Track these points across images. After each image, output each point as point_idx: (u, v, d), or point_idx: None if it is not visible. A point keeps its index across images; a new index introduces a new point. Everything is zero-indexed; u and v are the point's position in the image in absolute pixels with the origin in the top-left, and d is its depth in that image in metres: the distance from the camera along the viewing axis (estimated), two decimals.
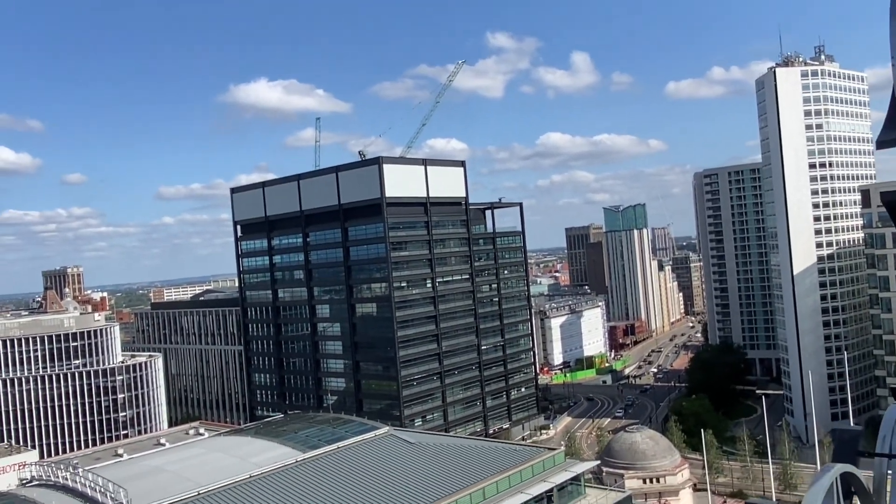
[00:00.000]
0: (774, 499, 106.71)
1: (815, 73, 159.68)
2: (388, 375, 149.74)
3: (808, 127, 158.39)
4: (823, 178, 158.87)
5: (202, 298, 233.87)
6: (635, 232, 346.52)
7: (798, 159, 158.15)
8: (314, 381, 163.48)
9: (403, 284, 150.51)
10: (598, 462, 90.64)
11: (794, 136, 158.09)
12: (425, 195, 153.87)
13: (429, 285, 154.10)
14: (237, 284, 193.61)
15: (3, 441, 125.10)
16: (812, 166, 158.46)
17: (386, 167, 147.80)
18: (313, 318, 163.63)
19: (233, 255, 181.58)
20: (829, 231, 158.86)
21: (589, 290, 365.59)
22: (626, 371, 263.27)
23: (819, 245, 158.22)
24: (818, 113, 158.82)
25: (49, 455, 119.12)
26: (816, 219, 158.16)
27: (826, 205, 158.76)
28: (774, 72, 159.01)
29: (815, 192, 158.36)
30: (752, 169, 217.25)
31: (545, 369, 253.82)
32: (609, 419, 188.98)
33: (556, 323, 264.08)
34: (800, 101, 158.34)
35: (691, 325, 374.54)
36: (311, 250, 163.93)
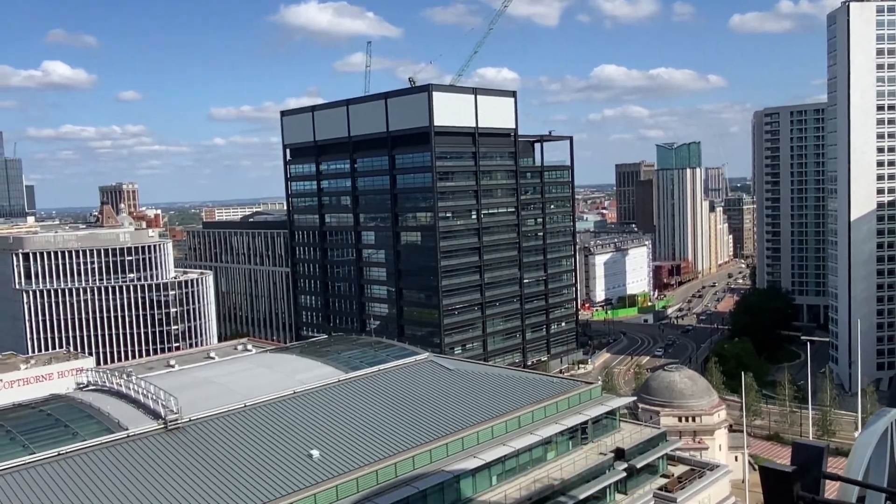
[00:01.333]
0: None
1: (891, 9, 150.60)
2: (429, 304, 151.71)
3: (880, 66, 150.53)
4: (891, 122, 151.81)
5: (252, 220, 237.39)
6: (688, 171, 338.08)
7: (865, 100, 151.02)
8: (358, 306, 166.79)
9: (448, 215, 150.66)
10: (635, 398, 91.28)
11: (863, 75, 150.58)
12: (474, 125, 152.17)
13: (474, 217, 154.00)
14: (285, 208, 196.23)
15: (62, 347, 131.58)
16: (880, 108, 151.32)
17: (435, 95, 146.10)
18: (359, 244, 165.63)
19: (282, 178, 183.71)
20: (892, 177, 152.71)
21: (636, 229, 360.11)
22: (669, 311, 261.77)
23: (880, 191, 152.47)
24: (892, 52, 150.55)
25: (104, 363, 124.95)
26: (880, 164, 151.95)
27: (891, 149, 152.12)
28: (848, 6, 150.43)
29: (880, 136, 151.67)
30: (817, 109, 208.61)
31: (586, 305, 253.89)
32: (648, 357, 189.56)
33: (600, 260, 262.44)
34: (873, 37, 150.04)
35: (744, 266, 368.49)
36: (359, 177, 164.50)
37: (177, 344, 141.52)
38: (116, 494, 43.25)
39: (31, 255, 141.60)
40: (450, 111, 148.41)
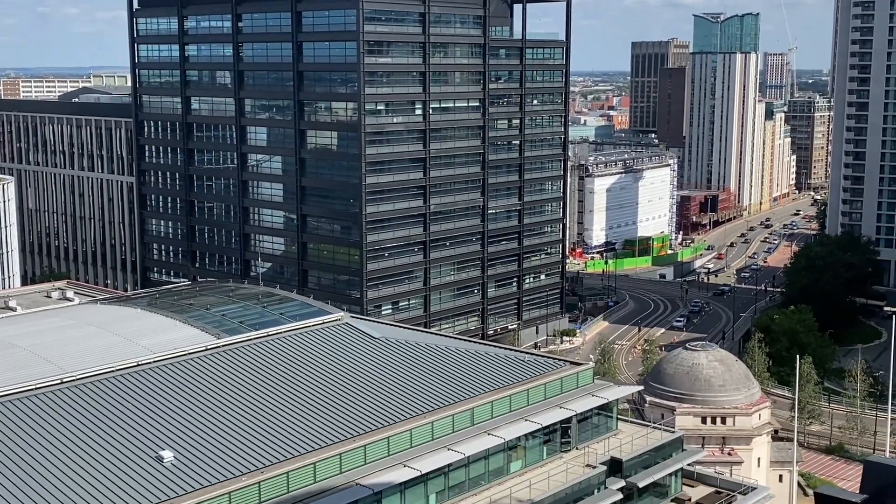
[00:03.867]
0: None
1: None
2: (347, 239, 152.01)
3: None
4: None
5: (77, 101, 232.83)
6: (738, 56, 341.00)
7: None
8: (239, 239, 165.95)
9: (381, 107, 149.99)
10: (641, 388, 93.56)
11: None
12: None
13: (418, 112, 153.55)
14: (130, 84, 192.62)
15: None
16: None
17: None
18: (243, 145, 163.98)
19: (124, 37, 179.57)
20: None
21: (656, 141, 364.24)
22: (698, 263, 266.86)
23: None
24: None
25: None
26: None
27: None
28: None
29: None
30: None
31: (578, 251, 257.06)
32: (663, 330, 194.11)
33: (600, 184, 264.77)
34: None
35: (810, 201, 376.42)
36: (244, 42, 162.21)
37: None
38: None
39: None
40: None
